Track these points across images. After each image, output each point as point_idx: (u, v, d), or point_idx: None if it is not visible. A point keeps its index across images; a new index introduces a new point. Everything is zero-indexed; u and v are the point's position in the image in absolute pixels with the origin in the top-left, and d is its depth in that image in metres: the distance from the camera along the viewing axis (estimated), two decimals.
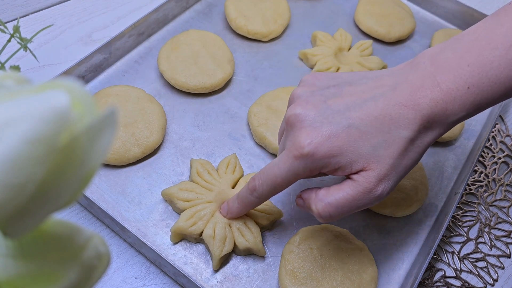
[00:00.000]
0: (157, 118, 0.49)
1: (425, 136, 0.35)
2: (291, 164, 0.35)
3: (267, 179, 0.37)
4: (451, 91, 0.33)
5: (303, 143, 0.34)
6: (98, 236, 0.19)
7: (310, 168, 0.35)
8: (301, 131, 0.35)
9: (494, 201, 0.53)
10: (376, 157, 0.34)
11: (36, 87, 0.15)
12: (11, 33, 0.45)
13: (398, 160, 0.35)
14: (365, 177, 0.34)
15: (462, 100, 0.34)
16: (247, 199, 0.40)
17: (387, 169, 0.34)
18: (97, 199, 0.45)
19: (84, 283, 0.18)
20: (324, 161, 0.34)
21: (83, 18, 0.61)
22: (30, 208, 0.15)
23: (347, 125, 0.34)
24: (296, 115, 0.35)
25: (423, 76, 0.34)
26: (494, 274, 0.48)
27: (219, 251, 0.41)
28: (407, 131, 0.34)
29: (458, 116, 0.34)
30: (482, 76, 0.33)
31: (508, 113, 0.61)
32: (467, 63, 0.33)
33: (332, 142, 0.34)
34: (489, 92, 0.33)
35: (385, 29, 0.63)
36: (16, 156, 0.14)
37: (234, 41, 0.61)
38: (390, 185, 0.35)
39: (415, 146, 0.35)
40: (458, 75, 0.33)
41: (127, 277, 0.43)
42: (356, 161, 0.34)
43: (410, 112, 0.34)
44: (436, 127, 0.35)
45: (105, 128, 0.15)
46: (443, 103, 0.34)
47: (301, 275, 0.41)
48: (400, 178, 0.36)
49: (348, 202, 0.35)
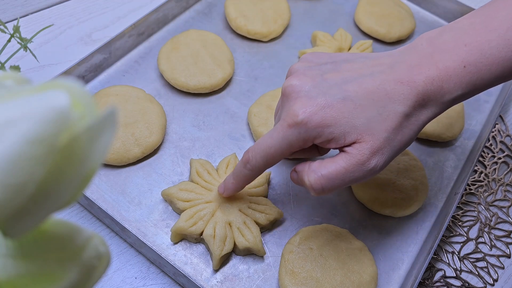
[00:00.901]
0: (157, 118, 0.49)
1: (420, 113, 0.35)
2: (285, 132, 0.35)
3: (260, 150, 0.37)
4: (447, 69, 0.34)
5: (298, 111, 0.34)
6: (98, 236, 0.19)
7: (303, 138, 0.35)
8: (296, 101, 0.35)
9: (494, 201, 0.53)
10: (370, 129, 0.34)
11: (36, 87, 0.16)
12: (11, 33, 0.45)
13: (393, 135, 0.35)
14: (358, 149, 0.34)
15: (458, 79, 0.34)
16: (241, 172, 0.39)
17: (381, 142, 0.34)
18: (97, 199, 0.45)
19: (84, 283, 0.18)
20: (317, 130, 0.34)
21: (83, 18, 0.61)
22: (30, 208, 0.15)
23: (342, 97, 0.34)
24: (292, 86, 0.36)
25: (421, 56, 0.35)
26: (494, 274, 0.48)
27: (220, 251, 0.41)
28: (402, 106, 0.34)
29: (454, 95, 0.35)
30: (479, 56, 0.34)
31: (508, 113, 0.61)
32: (465, 43, 0.34)
33: (326, 112, 0.34)
34: (485, 72, 0.34)
35: (385, 29, 0.63)
36: (16, 156, 0.14)
37: (234, 41, 0.61)
38: (383, 159, 0.35)
39: (410, 122, 0.35)
40: (455, 54, 0.34)
41: (127, 277, 0.43)
42: (349, 132, 0.34)
43: (405, 88, 0.34)
44: (432, 105, 0.35)
45: (105, 128, 0.15)
46: (438, 81, 0.34)
47: (301, 275, 0.41)
48: (394, 153, 0.36)
49: (341, 174, 0.35)
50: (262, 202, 0.45)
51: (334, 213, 0.48)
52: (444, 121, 0.54)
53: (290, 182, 0.49)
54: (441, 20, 0.69)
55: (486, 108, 0.59)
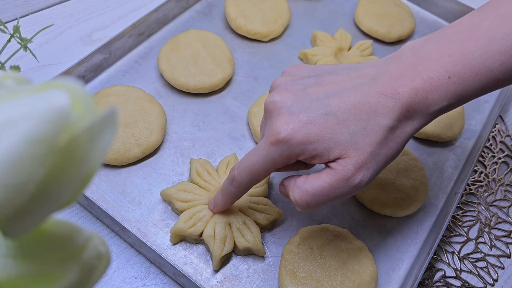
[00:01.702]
0: (157, 118, 0.49)
1: (405, 126, 0.35)
2: (268, 150, 0.35)
3: (245, 167, 0.37)
4: (431, 80, 0.33)
5: (280, 129, 0.34)
6: (98, 236, 0.19)
7: (286, 155, 0.34)
8: (278, 118, 0.34)
9: (494, 201, 0.53)
10: (354, 144, 0.34)
11: (36, 87, 0.15)
12: (11, 33, 0.45)
13: (378, 149, 0.34)
14: (342, 165, 0.34)
15: (443, 90, 0.33)
16: (228, 189, 0.39)
17: (365, 157, 0.34)
18: (97, 199, 0.45)
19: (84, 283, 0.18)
20: (300, 148, 0.34)
21: (83, 18, 0.61)
22: (30, 208, 0.15)
23: (325, 113, 0.34)
24: (274, 102, 0.35)
25: (404, 66, 0.34)
26: (494, 274, 0.48)
27: (220, 251, 0.41)
28: (386, 119, 0.34)
29: (439, 106, 0.34)
30: (463, 66, 0.33)
31: (508, 113, 0.61)
32: (449, 53, 0.33)
33: (309, 129, 0.33)
34: (470, 83, 0.33)
35: (385, 29, 0.63)
36: (16, 156, 0.14)
37: (234, 41, 0.61)
38: (369, 174, 0.34)
39: (395, 135, 0.34)
40: (439, 64, 0.33)
41: (127, 277, 0.43)
42: (333, 148, 0.34)
43: (389, 101, 0.34)
44: (417, 117, 0.34)
45: (105, 128, 0.15)
46: (423, 92, 0.33)
47: (301, 275, 0.41)
48: (380, 168, 0.35)
49: (325, 190, 0.34)
50: (262, 202, 0.45)
51: (334, 213, 0.48)
52: (444, 121, 0.54)
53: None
54: (441, 20, 0.69)
55: (486, 108, 0.59)
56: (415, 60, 0.34)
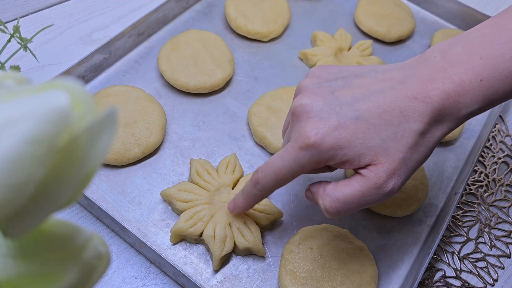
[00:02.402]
0: (157, 118, 0.49)
1: (435, 130, 0.34)
2: (297, 155, 0.34)
3: (270, 171, 0.36)
4: (463, 84, 0.33)
5: (310, 133, 0.33)
6: (98, 236, 0.19)
7: (316, 160, 0.34)
8: (308, 122, 0.34)
9: (494, 201, 0.53)
10: (385, 150, 0.33)
11: (36, 87, 0.15)
12: (11, 33, 0.45)
13: (409, 154, 0.34)
14: (374, 172, 0.33)
15: (474, 93, 0.33)
16: (250, 192, 0.39)
17: (397, 164, 0.33)
18: (97, 199, 0.45)
19: (84, 283, 0.18)
20: (330, 153, 0.33)
21: (83, 18, 0.61)
22: (30, 208, 0.15)
23: (355, 117, 0.33)
24: (303, 106, 0.34)
25: (434, 70, 0.34)
26: (494, 274, 0.48)
27: (220, 251, 0.41)
28: (417, 124, 0.33)
29: (470, 109, 0.33)
30: (494, 69, 0.33)
31: (508, 113, 0.61)
32: (479, 56, 0.33)
33: (339, 133, 0.33)
34: (501, 86, 0.33)
35: (385, 29, 0.63)
36: (16, 156, 0.14)
37: (234, 41, 0.61)
38: (400, 180, 0.34)
39: (425, 140, 0.34)
40: (470, 67, 0.33)
41: (127, 277, 0.43)
42: (364, 154, 0.33)
43: (420, 105, 0.33)
44: (447, 120, 0.34)
45: (105, 128, 0.15)
46: (455, 96, 0.33)
47: (301, 275, 0.41)
48: (410, 173, 0.35)
49: (356, 198, 0.34)
50: (262, 202, 0.45)
51: None
52: None
53: (290, 182, 0.49)
54: (441, 20, 0.69)
55: None
56: (445, 63, 0.34)
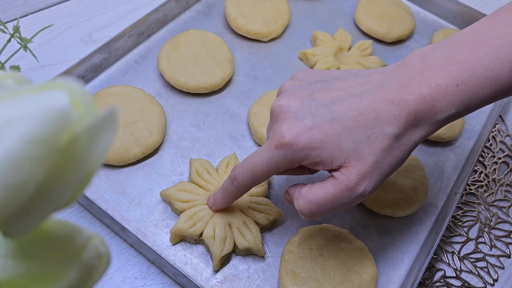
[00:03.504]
0: (157, 118, 0.49)
1: (411, 133, 0.34)
2: (271, 153, 0.35)
3: (247, 168, 0.37)
4: (439, 88, 0.33)
5: (284, 133, 0.34)
6: (98, 236, 0.19)
7: (289, 159, 0.34)
8: (284, 122, 0.34)
9: (494, 201, 0.53)
10: (357, 153, 0.33)
11: (36, 87, 0.15)
12: (11, 33, 0.45)
13: (382, 157, 0.34)
14: (345, 175, 0.34)
15: (451, 97, 0.33)
16: (228, 188, 0.39)
17: (368, 167, 0.33)
18: (97, 199, 0.45)
19: (84, 283, 0.18)
20: (304, 153, 0.34)
21: (83, 18, 0.61)
22: (30, 208, 0.15)
23: (330, 119, 0.34)
24: (280, 106, 0.35)
25: (412, 73, 0.34)
26: (494, 274, 0.48)
27: (220, 251, 0.41)
28: (392, 127, 0.33)
29: (446, 114, 0.34)
30: (472, 74, 0.33)
31: (508, 113, 0.61)
32: (457, 61, 0.33)
33: (313, 134, 0.33)
34: (478, 91, 0.33)
35: (385, 29, 0.63)
36: (16, 156, 0.14)
37: (234, 41, 0.61)
38: (372, 183, 0.34)
39: (400, 143, 0.34)
40: (447, 72, 0.33)
41: (127, 277, 0.43)
42: (337, 156, 0.33)
43: (396, 108, 0.33)
44: (424, 125, 0.34)
45: (105, 128, 0.15)
46: (431, 100, 0.33)
47: (301, 275, 0.41)
48: (384, 177, 0.35)
49: (328, 200, 0.34)
50: (262, 202, 0.45)
51: (334, 213, 0.48)
52: None
53: (290, 182, 0.49)
54: (441, 20, 0.69)
55: (486, 108, 0.59)
56: (423, 67, 0.34)
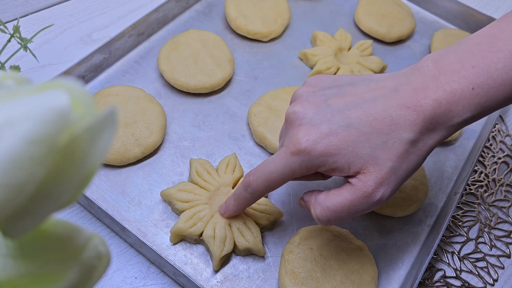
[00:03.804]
0: (157, 118, 0.49)
1: (428, 138, 0.34)
2: (288, 160, 0.34)
3: (261, 174, 0.36)
4: (455, 92, 0.33)
5: (301, 139, 0.34)
6: (98, 236, 0.19)
7: (306, 166, 0.34)
8: (300, 128, 0.34)
9: (494, 201, 0.53)
10: (374, 159, 0.33)
11: (36, 87, 0.15)
12: (11, 33, 0.45)
13: (398, 163, 0.34)
14: (363, 181, 0.34)
15: (466, 101, 0.33)
16: (241, 195, 0.39)
17: (385, 173, 0.33)
18: (97, 199, 0.45)
19: (84, 283, 0.18)
20: (321, 159, 0.34)
21: (83, 18, 0.61)
22: (30, 208, 0.15)
23: (346, 125, 0.34)
24: (296, 113, 0.35)
25: (426, 78, 0.34)
26: (494, 274, 0.48)
27: (220, 251, 0.41)
28: (408, 133, 0.33)
29: (462, 118, 0.34)
30: (487, 77, 0.33)
31: (508, 113, 0.61)
32: (471, 65, 0.33)
33: (330, 140, 0.33)
34: (494, 94, 0.33)
35: (385, 29, 0.63)
36: (16, 156, 0.14)
37: (234, 41, 0.61)
38: (390, 189, 0.34)
39: (417, 149, 0.34)
40: (462, 76, 0.33)
41: (127, 277, 0.43)
42: (354, 162, 0.33)
43: (411, 114, 0.33)
44: (440, 129, 0.34)
45: (105, 128, 0.15)
46: (446, 104, 0.33)
47: (301, 275, 0.41)
48: (401, 182, 0.35)
49: (346, 207, 0.34)
50: (262, 202, 0.45)
51: None
52: None
53: (290, 182, 0.49)
54: (441, 20, 0.69)
55: None
56: (437, 72, 0.34)
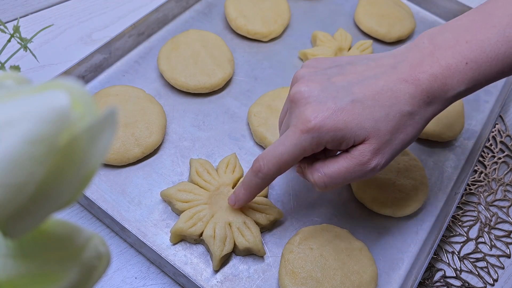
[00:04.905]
0: (157, 118, 0.49)
1: (424, 111, 0.36)
2: (298, 139, 0.35)
3: (272, 157, 0.37)
4: (450, 66, 0.35)
5: (310, 117, 0.35)
6: (98, 236, 0.19)
7: (316, 142, 0.35)
8: (307, 107, 0.35)
9: (494, 201, 0.53)
10: (377, 131, 0.35)
11: (36, 87, 0.15)
12: (11, 33, 0.45)
13: (396, 135, 0.36)
14: (360, 151, 0.35)
15: (461, 75, 0.35)
16: (252, 182, 0.39)
17: (383, 143, 0.35)
18: (97, 199, 0.45)
19: (84, 283, 0.18)
20: (330, 135, 0.35)
21: (83, 18, 0.61)
22: (30, 208, 0.15)
23: (351, 100, 0.35)
24: (301, 92, 0.36)
25: (423, 54, 0.36)
26: (494, 274, 0.48)
27: (220, 251, 0.41)
28: (407, 106, 0.35)
29: (457, 91, 0.35)
30: (480, 52, 0.34)
31: (508, 113, 0.61)
32: (466, 40, 0.35)
33: (337, 116, 0.35)
34: (487, 68, 0.35)
35: (385, 29, 0.63)
36: (16, 156, 0.14)
37: (234, 41, 0.60)
38: (384, 158, 0.36)
39: (414, 121, 0.36)
40: (456, 51, 0.35)
41: (127, 277, 0.43)
42: (359, 135, 0.35)
43: (410, 87, 0.35)
44: (435, 102, 0.36)
45: (105, 128, 0.15)
46: (442, 78, 0.35)
47: (301, 275, 0.41)
48: (396, 152, 0.37)
49: (342, 173, 0.36)
50: (262, 202, 0.45)
51: (334, 213, 0.48)
52: (444, 121, 0.54)
53: (290, 182, 0.49)
54: (441, 20, 0.69)
55: (486, 108, 0.59)
56: (433, 48, 0.36)
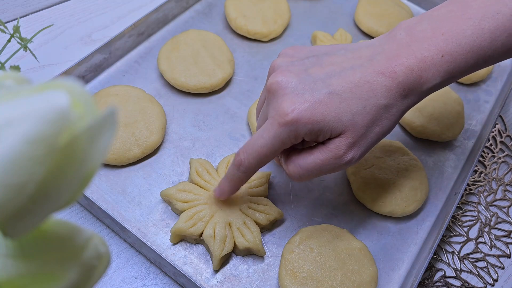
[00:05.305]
0: (157, 118, 0.49)
1: (400, 104, 0.36)
2: (276, 131, 0.35)
3: (252, 151, 0.37)
4: (425, 59, 0.34)
5: (287, 110, 0.34)
6: (98, 236, 0.19)
7: (294, 135, 0.35)
8: (284, 98, 0.35)
9: (494, 201, 0.53)
10: (353, 124, 0.35)
11: (36, 87, 0.15)
12: (11, 33, 0.45)
13: (371, 128, 0.36)
14: (336, 144, 0.35)
15: (436, 68, 0.35)
16: (234, 175, 0.40)
17: (359, 137, 0.35)
18: (97, 199, 0.45)
19: (84, 283, 0.18)
20: (307, 127, 0.35)
21: (83, 18, 0.61)
22: (30, 208, 0.15)
23: (328, 92, 0.35)
24: (278, 83, 0.36)
25: (399, 46, 0.35)
26: (494, 274, 0.48)
27: (220, 251, 0.41)
28: (383, 99, 0.35)
29: (432, 83, 0.35)
30: (455, 45, 0.34)
31: (508, 113, 0.61)
32: (442, 32, 0.35)
33: (314, 108, 0.34)
34: (462, 61, 0.34)
35: (385, 29, 0.63)
36: (16, 156, 0.14)
37: (234, 41, 0.61)
38: (360, 152, 0.36)
39: (390, 114, 0.36)
40: (432, 43, 0.34)
41: (127, 277, 0.43)
42: (336, 127, 0.35)
43: (387, 80, 0.35)
44: (412, 95, 0.36)
45: (105, 128, 0.15)
46: (418, 71, 0.34)
47: (301, 275, 0.41)
48: (371, 145, 0.37)
49: (317, 166, 0.36)
50: (262, 202, 0.45)
51: (334, 213, 0.48)
52: (444, 121, 0.54)
53: (290, 182, 0.49)
54: None
55: (486, 108, 0.59)
56: (409, 40, 0.35)
